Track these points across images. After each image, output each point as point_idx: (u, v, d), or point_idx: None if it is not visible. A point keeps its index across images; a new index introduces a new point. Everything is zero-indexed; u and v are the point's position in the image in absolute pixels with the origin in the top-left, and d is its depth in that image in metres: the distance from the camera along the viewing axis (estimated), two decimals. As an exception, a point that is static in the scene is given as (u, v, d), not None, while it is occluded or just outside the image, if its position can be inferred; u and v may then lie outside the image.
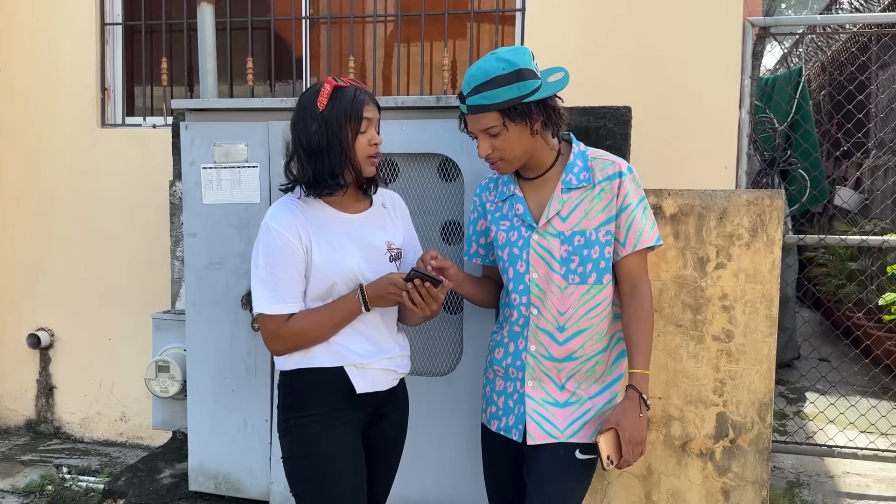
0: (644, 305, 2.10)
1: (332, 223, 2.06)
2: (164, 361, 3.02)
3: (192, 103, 2.85)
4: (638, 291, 2.11)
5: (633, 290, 2.12)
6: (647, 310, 2.11)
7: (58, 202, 4.52)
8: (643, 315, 2.10)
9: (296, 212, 2.04)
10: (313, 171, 2.02)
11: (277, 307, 2.00)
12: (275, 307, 2.00)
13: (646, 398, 2.04)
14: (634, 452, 2.02)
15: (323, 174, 2.01)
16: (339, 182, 2.02)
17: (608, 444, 1.99)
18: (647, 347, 2.09)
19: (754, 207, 2.43)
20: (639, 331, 2.09)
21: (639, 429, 2.01)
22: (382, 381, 2.12)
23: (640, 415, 2.02)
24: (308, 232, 2.01)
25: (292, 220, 2.02)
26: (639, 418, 2.02)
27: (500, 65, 1.96)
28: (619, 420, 2.01)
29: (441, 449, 2.68)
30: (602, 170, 2.08)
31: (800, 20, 3.65)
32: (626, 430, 2.00)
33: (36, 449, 4.50)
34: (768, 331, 2.44)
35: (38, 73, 4.49)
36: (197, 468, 2.93)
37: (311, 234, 2.01)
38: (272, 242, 2.00)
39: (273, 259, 2.00)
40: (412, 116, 2.65)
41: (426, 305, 1.98)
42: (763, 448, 2.46)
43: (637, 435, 2.01)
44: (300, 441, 2.06)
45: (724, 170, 3.69)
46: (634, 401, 2.03)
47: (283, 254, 2.00)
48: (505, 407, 2.19)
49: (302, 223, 2.02)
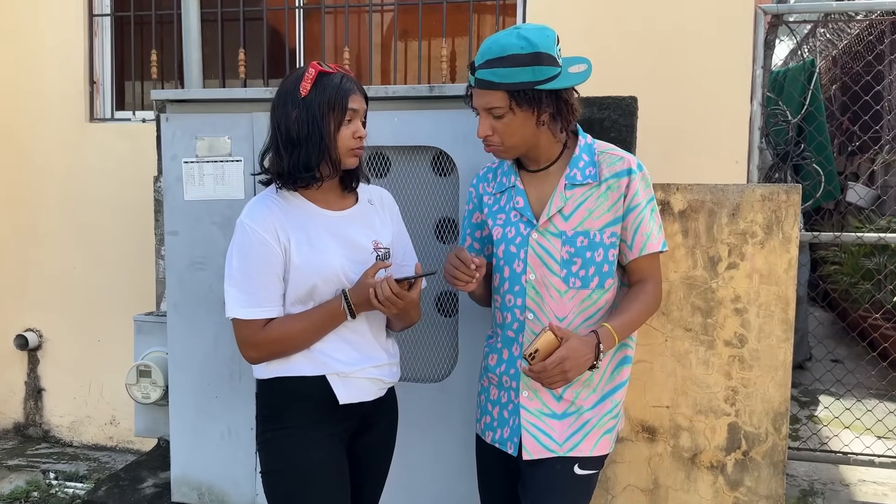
0: (648, 292, 1.95)
1: (313, 220, 1.92)
2: (146, 366, 2.87)
3: (172, 94, 2.71)
4: (647, 284, 1.96)
5: (642, 282, 1.97)
6: (651, 296, 1.95)
7: (45, 199, 4.39)
8: (645, 297, 1.94)
9: (274, 209, 1.89)
10: (288, 162, 1.87)
11: (252, 311, 1.87)
12: (249, 311, 1.87)
13: (601, 350, 1.80)
14: (553, 375, 1.76)
15: (298, 165, 1.86)
16: (314, 175, 1.88)
17: (546, 344, 1.75)
18: (631, 319, 1.89)
19: (769, 203, 2.27)
20: (634, 302, 1.92)
21: (576, 363, 1.76)
22: (367, 391, 1.97)
23: (586, 356, 1.78)
24: (287, 230, 1.87)
25: (270, 218, 1.87)
26: (585, 357, 1.78)
27: (519, 42, 1.79)
28: (570, 339, 1.77)
29: (434, 460, 2.53)
30: (609, 166, 1.92)
31: (814, 6, 3.48)
32: (567, 349, 1.75)
33: (24, 453, 4.37)
34: (784, 335, 2.28)
35: (23, 66, 4.35)
36: (179, 478, 2.79)
37: (290, 232, 1.88)
38: (248, 242, 1.87)
39: (248, 260, 1.87)
40: (404, 107, 2.50)
41: (391, 306, 1.82)
42: (778, 461, 2.30)
43: (569, 365, 1.75)
44: (278, 454, 1.94)
45: (734, 164, 3.54)
46: (592, 342, 1.79)
47: (260, 254, 1.86)
48: (500, 418, 2.04)
49: (280, 221, 1.88)
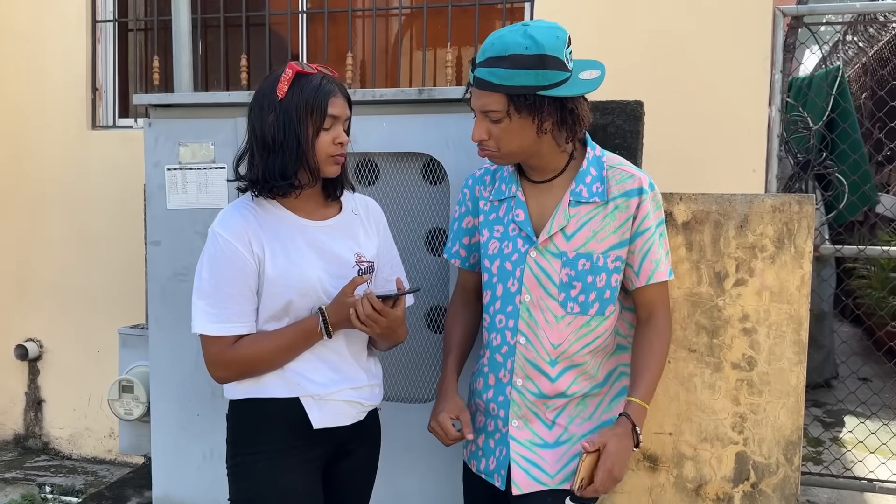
0: (660, 333, 1.83)
1: (290, 230, 1.80)
2: (129, 381, 2.77)
3: (155, 98, 2.61)
4: (655, 319, 1.84)
5: (650, 317, 1.85)
6: (663, 338, 1.83)
7: (47, 207, 4.32)
8: (657, 342, 1.82)
9: (248, 217, 1.77)
10: (262, 168, 1.75)
11: (221, 328, 1.75)
12: (217, 327, 1.75)
13: (639, 432, 1.74)
14: (607, 485, 1.70)
15: (273, 173, 1.74)
16: (292, 183, 1.75)
17: (588, 467, 1.70)
18: (654, 379, 1.80)
19: (780, 214, 2.10)
20: (649, 359, 1.80)
21: (622, 462, 1.71)
22: (345, 415, 1.84)
23: (627, 448, 1.72)
24: (261, 241, 1.75)
25: (243, 228, 1.75)
26: (626, 451, 1.72)
27: (524, 41, 1.63)
28: (606, 444, 1.70)
29: (421, 487, 2.38)
30: (619, 183, 1.77)
31: (836, 7, 3.30)
32: (609, 456, 1.69)
33: (21, 465, 4.30)
34: (797, 358, 2.10)
35: (26, 73, 4.31)
36: (162, 498, 2.68)
37: (265, 242, 1.75)
38: (218, 253, 1.75)
39: (219, 272, 1.74)
40: (393, 112, 2.37)
41: (374, 325, 1.70)
42: (790, 494, 2.12)
43: (617, 468, 1.70)
44: (246, 482, 1.82)
45: (752, 173, 3.37)
46: (627, 430, 1.73)
47: (231, 266, 1.74)
48: (485, 447, 1.90)
49: (255, 231, 1.76)
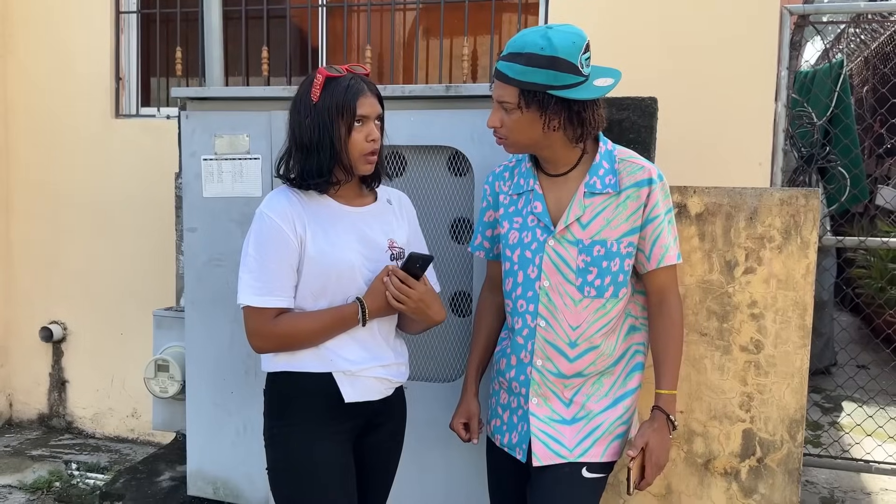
0: (673, 320, 1.96)
1: (331, 215, 1.94)
2: (164, 360, 2.90)
3: (192, 92, 2.73)
4: (667, 305, 1.96)
5: (661, 303, 1.97)
6: (677, 324, 1.96)
7: (72, 194, 4.45)
8: (672, 330, 1.95)
9: (293, 201, 1.91)
10: (301, 168, 1.90)
11: (264, 300, 1.87)
12: (261, 299, 1.87)
13: (673, 419, 1.92)
14: (655, 475, 1.91)
15: (311, 171, 1.89)
16: (329, 181, 1.90)
17: (637, 467, 1.89)
18: (675, 366, 1.96)
19: (787, 207, 2.23)
20: (668, 347, 1.95)
21: (665, 451, 1.91)
22: (374, 391, 1.98)
23: (666, 439, 1.91)
24: (304, 222, 1.89)
25: (288, 210, 1.89)
26: (666, 441, 1.91)
27: (540, 42, 1.76)
28: (648, 442, 1.89)
29: (446, 461, 2.53)
30: (630, 174, 1.90)
31: (841, 7, 3.41)
32: (653, 452, 1.89)
33: (47, 444, 4.45)
34: (801, 342, 2.25)
35: (52, 63, 4.42)
36: (195, 472, 2.82)
37: (308, 224, 1.89)
38: (265, 231, 1.88)
39: (264, 248, 1.88)
40: (420, 107, 2.49)
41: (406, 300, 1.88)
42: (793, 469, 2.27)
43: (662, 458, 1.91)
44: (283, 451, 1.96)
45: (758, 166, 3.50)
46: (663, 422, 1.91)
47: (276, 244, 1.87)
48: (509, 422, 2.04)
49: (299, 213, 1.89)
